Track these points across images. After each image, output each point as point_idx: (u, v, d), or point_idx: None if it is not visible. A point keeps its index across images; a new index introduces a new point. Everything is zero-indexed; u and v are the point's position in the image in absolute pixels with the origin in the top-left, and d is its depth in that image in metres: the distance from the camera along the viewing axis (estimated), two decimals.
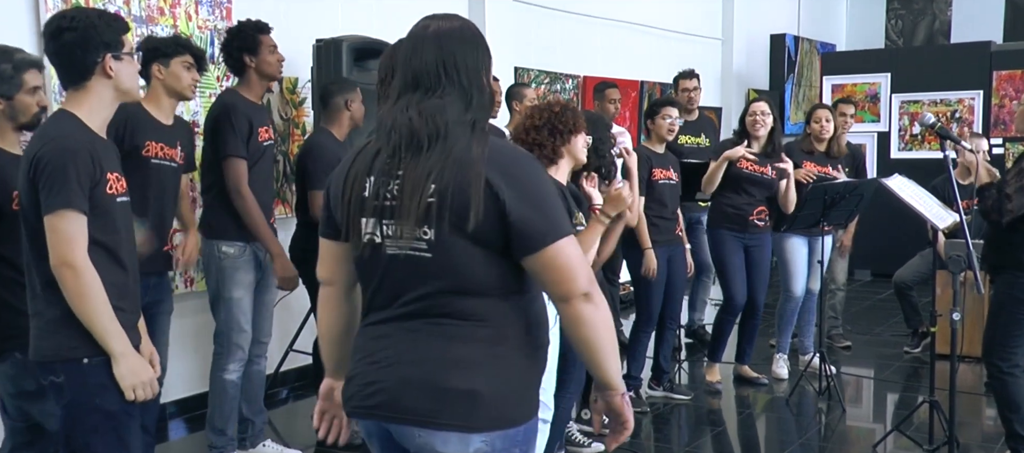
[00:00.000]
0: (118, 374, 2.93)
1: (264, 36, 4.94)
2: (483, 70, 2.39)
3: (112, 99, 3.06)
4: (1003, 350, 4.74)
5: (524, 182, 2.25)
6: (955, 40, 13.33)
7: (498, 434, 2.29)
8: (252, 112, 4.89)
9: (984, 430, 5.90)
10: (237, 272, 4.90)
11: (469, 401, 2.27)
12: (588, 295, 2.26)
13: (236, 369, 4.97)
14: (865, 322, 8.80)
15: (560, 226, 2.26)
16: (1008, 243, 4.65)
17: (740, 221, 6.35)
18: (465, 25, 2.41)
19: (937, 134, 4.76)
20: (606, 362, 2.32)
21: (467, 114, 2.32)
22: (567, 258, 2.25)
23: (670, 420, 6.13)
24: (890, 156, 11.12)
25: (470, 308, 2.29)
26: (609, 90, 7.61)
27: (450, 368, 2.28)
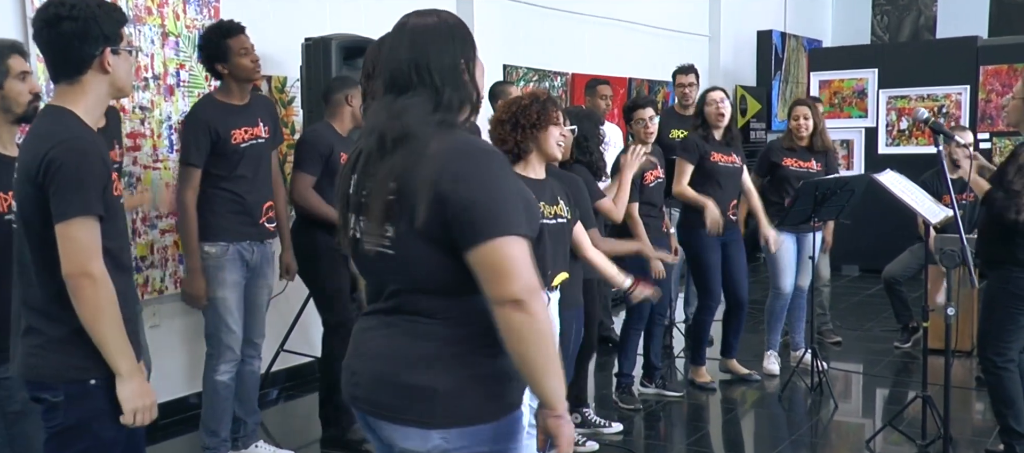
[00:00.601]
0: (122, 395, 2.75)
1: (232, 40, 4.84)
2: (460, 66, 2.36)
3: (106, 95, 2.86)
4: (998, 345, 4.75)
5: (471, 176, 2.20)
6: (940, 35, 13.38)
7: (456, 431, 2.28)
8: (220, 118, 4.83)
9: (975, 425, 5.91)
10: (221, 272, 4.87)
11: (427, 398, 2.27)
12: (520, 303, 2.16)
13: (228, 370, 4.95)
14: (854, 318, 8.82)
15: (502, 224, 2.18)
16: (1001, 239, 4.66)
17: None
18: (442, 20, 2.39)
19: (931, 129, 4.74)
20: (538, 377, 2.23)
21: (436, 113, 2.30)
22: (502, 258, 2.17)
23: (662, 417, 6.12)
24: (877, 152, 11.14)
25: (434, 306, 2.29)
26: (600, 86, 7.59)
27: (411, 365, 2.29)
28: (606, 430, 5.62)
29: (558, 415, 2.28)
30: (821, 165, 6.81)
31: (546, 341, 2.21)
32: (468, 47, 2.38)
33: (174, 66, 5.81)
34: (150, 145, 5.68)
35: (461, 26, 2.41)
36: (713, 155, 6.28)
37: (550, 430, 2.29)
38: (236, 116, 4.91)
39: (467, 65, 2.37)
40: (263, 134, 5.00)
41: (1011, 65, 10.54)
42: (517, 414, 2.38)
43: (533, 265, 2.21)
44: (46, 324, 2.77)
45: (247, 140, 4.92)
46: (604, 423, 5.65)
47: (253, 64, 4.91)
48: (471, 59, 2.38)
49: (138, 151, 5.60)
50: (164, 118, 5.74)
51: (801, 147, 6.81)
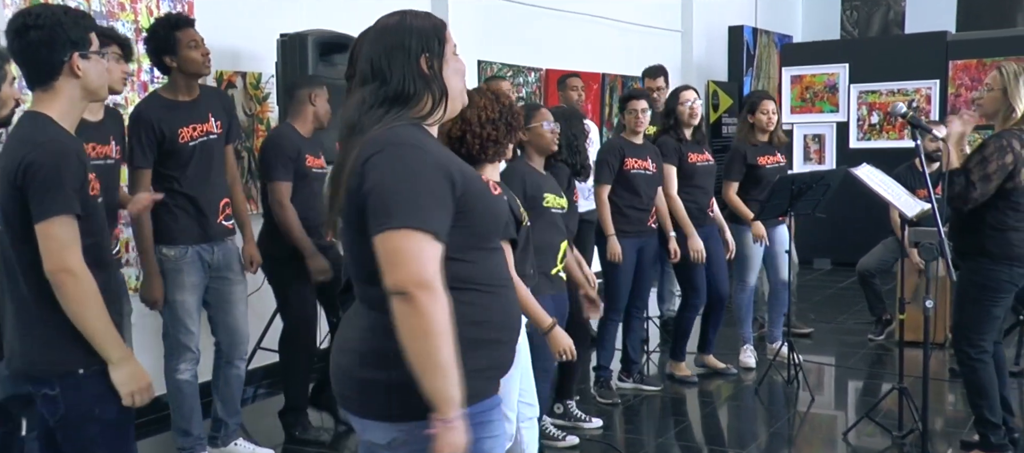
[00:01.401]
0: (117, 381, 2.86)
1: (181, 32, 4.74)
2: (419, 60, 2.37)
3: (81, 98, 2.96)
4: (972, 336, 4.79)
5: (381, 167, 2.22)
6: (909, 30, 13.47)
7: (415, 424, 2.26)
8: (165, 116, 4.74)
9: (949, 416, 5.97)
10: (179, 274, 4.82)
11: (382, 392, 2.30)
12: (405, 294, 2.14)
13: (188, 368, 4.92)
14: (828, 310, 8.87)
15: (400, 216, 2.17)
16: (971, 230, 4.70)
17: (700, 215, 6.37)
18: (403, 18, 2.42)
19: (909, 123, 4.77)
20: (420, 374, 2.17)
21: (382, 106, 2.34)
22: (393, 249, 2.16)
23: (640, 411, 6.14)
24: (849, 146, 11.23)
25: (380, 297, 2.24)
26: (571, 79, 7.64)
27: (366, 358, 2.33)
28: (586, 425, 5.63)
29: (441, 418, 2.18)
30: (784, 158, 6.87)
31: (430, 339, 2.15)
32: (432, 43, 2.40)
33: (148, 63, 5.75)
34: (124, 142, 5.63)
35: (427, 25, 2.42)
36: (690, 155, 6.31)
37: (431, 433, 2.20)
38: (183, 113, 4.79)
39: (430, 60, 2.38)
40: (214, 130, 4.89)
41: (979, 60, 10.64)
42: (479, 407, 2.35)
43: (433, 261, 2.17)
44: (34, 321, 2.87)
45: (196, 137, 4.82)
46: (584, 418, 5.66)
47: (203, 57, 4.79)
48: (436, 55, 2.40)
49: None
50: None
51: (763, 142, 6.81)
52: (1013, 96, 4.64)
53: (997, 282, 4.69)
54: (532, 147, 4.72)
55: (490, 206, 2.40)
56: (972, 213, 4.65)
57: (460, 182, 2.29)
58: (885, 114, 11.06)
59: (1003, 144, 4.56)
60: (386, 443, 2.35)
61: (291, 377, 5.49)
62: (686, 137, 6.37)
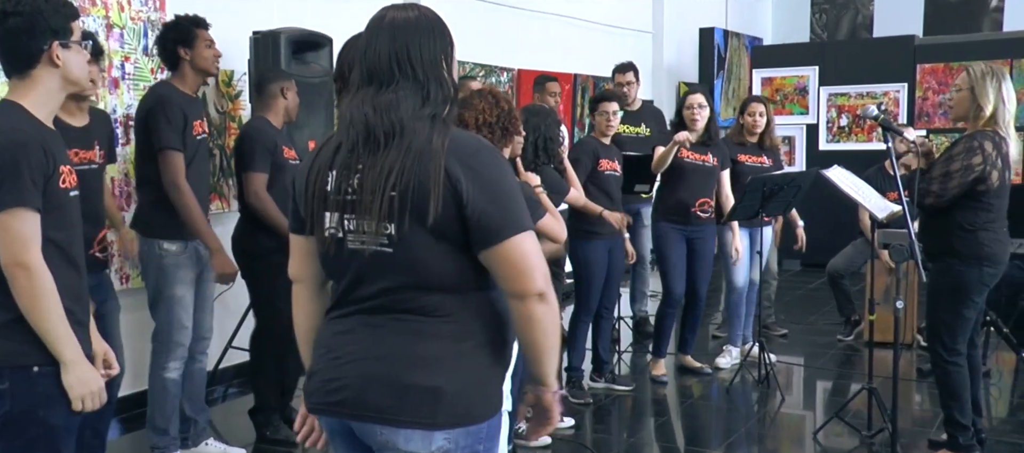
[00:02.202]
0: (67, 383, 2.75)
1: (201, 30, 4.85)
2: (442, 60, 2.32)
3: (60, 89, 2.86)
4: (944, 338, 4.81)
5: (484, 174, 2.21)
6: (877, 34, 13.59)
7: (461, 431, 2.26)
8: (186, 104, 4.79)
9: (917, 415, 6.02)
10: (179, 270, 4.81)
11: (432, 398, 2.24)
12: (543, 295, 2.23)
13: (177, 367, 4.89)
14: (798, 311, 8.93)
15: (518, 221, 2.21)
16: (941, 231, 4.72)
17: (682, 212, 6.39)
18: (422, 14, 2.36)
19: (880, 125, 4.80)
20: (550, 362, 2.32)
21: (425, 108, 2.26)
22: (523, 254, 2.21)
23: (612, 411, 6.15)
24: (818, 148, 11.31)
25: (433, 303, 2.26)
26: (549, 83, 7.62)
27: (413, 365, 2.25)
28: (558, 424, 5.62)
29: (555, 392, 2.37)
30: (771, 161, 6.91)
31: (558, 326, 2.31)
32: (448, 42, 2.36)
33: (119, 58, 5.73)
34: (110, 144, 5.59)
35: (441, 21, 2.38)
36: (682, 151, 6.32)
37: (547, 405, 2.38)
38: (195, 107, 4.89)
39: (446, 60, 2.34)
40: (206, 130, 4.99)
41: (946, 63, 10.74)
42: (503, 410, 2.39)
43: (542, 255, 2.27)
44: None
45: (200, 134, 4.88)
46: None
47: (215, 59, 4.90)
48: (450, 55, 2.36)
49: None
50: (109, 111, 5.64)
51: (752, 143, 6.89)
52: (980, 95, 4.68)
53: (967, 283, 4.72)
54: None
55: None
56: (943, 214, 4.68)
57: None
58: (854, 116, 11.14)
59: (973, 145, 4.59)
60: (429, 452, 2.28)
61: (262, 376, 5.46)
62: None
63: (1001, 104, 4.66)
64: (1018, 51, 10.56)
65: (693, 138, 6.25)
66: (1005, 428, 5.71)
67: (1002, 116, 4.66)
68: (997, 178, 4.62)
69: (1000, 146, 4.63)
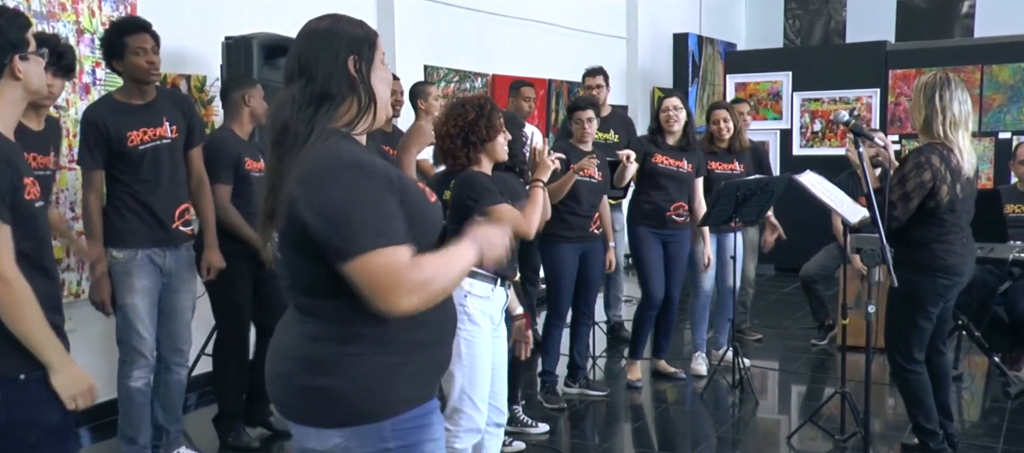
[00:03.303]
0: (58, 385, 2.79)
1: (131, 37, 4.67)
2: (346, 62, 2.32)
3: (21, 100, 2.87)
4: (901, 347, 4.85)
5: (325, 195, 2.17)
6: (850, 40, 13.68)
7: (354, 430, 2.29)
8: (113, 118, 4.69)
9: (890, 419, 6.04)
10: (129, 278, 4.76)
11: (320, 398, 2.29)
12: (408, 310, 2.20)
13: (142, 375, 4.85)
14: (772, 316, 8.96)
15: (360, 241, 2.15)
16: (898, 241, 4.74)
17: (658, 217, 6.40)
18: (335, 21, 2.38)
19: (851, 131, 4.82)
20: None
21: (310, 106, 2.28)
22: (369, 275, 2.16)
23: (586, 416, 6.15)
24: (792, 153, 11.36)
25: (322, 307, 2.30)
26: (524, 88, 7.61)
27: (303, 365, 2.32)
28: (532, 430, 5.63)
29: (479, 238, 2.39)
30: (743, 166, 6.92)
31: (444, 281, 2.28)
32: (361, 47, 2.35)
33: (90, 64, 5.69)
34: (65, 145, 5.54)
35: (357, 30, 2.38)
36: (656, 156, 6.33)
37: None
38: (134, 116, 4.74)
39: (357, 64, 2.34)
40: (168, 134, 4.83)
41: (918, 69, 10.80)
42: (419, 410, 2.36)
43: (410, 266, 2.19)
44: None
45: (147, 141, 4.76)
46: (531, 423, 5.66)
47: (148, 65, 4.71)
48: (365, 59, 2.35)
49: None
50: (79, 118, 5.60)
51: (722, 149, 6.91)
52: (913, 106, 4.74)
53: (922, 293, 4.73)
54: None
55: (426, 212, 2.39)
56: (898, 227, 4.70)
57: (399, 190, 2.27)
58: (827, 122, 11.20)
59: (921, 161, 4.58)
60: (326, 450, 2.33)
61: (224, 383, 5.45)
62: (668, 143, 6.41)
63: (934, 113, 4.63)
64: (988, 57, 10.65)
65: (634, 160, 6.20)
66: (977, 431, 5.74)
67: (937, 125, 4.63)
68: (946, 192, 4.60)
69: (948, 160, 4.60)
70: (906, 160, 4.67)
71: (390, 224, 2.20)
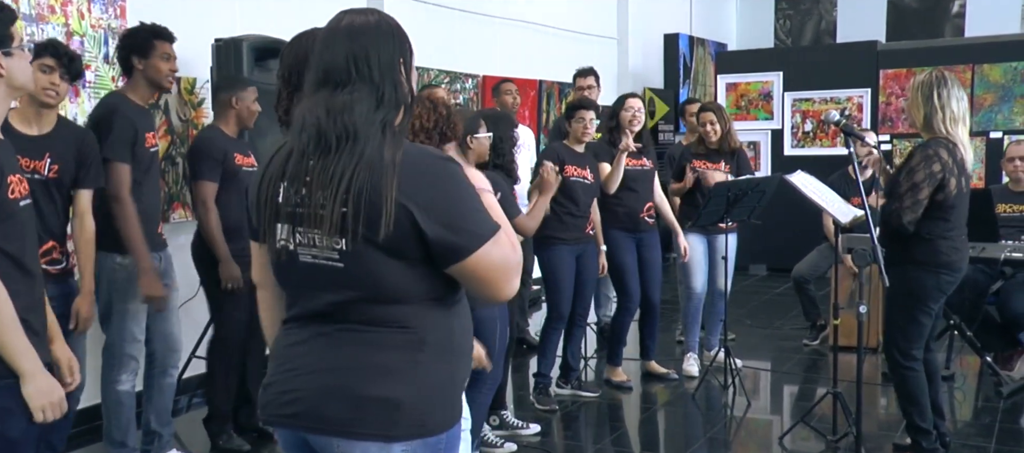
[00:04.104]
0: (27, 393, 2.68)
1: (160, 42, 4.76)
2: (399, 65, 2.26)
3: (5, 96, 2.79)
4: (901, 344, 4.83)
5: (435, 196, 2.15)
6: (840, 40, 13.69)
7: (419, 442, 2.23)
8: (137, 116, 4.72)
9: (882, 419, 6.04)
10: (132, 284, 4.74)
11: (389, 409, 2.19)
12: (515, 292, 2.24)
13: (129, 379, 4.84)
14: (764, 316, 8.96)
15: (478, 235, 2.16)
16: (900, 238, 4.73)
17: (632, 220, 6.39)
18: (382, 19, 2.30)
19: (842, 131, 4.82)
20: None
21: (378, 112, 2.20)
22: (487, 266, 2.18)
23: (579, 418, 6.14)
24: (783, 153, 11.36)
25: (389, 314, 2.21)
26: (504, 85, 7.66)
27: (369, 376, 2.20)
28: (524, 431, 5.62)
29: None
30: (730, 166, 6.91)
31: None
32: (406, 48, 2.30)
33: None
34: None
35: (400, 27, 2.33)
36: (626, 160, 6.32)
37: None
38: (147, 119, 4.84)
39: (404, 66, 2.28)
40: (155, 141, 4.93)
41: (909, 69, 10.82)
42: (460, 421, 2.35)
43: (510, 244, 2.25)
44: None
45: (153, 146, 4.83)
46: (522, 425, 5.65)
47: (170, 73, 4.82)
48: (408, 61, 2.30)
49: None
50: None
51: (710, 149, 6.89)
52: (912, 104, 4.75)
53: (925, 289, 4.73)
54: (473, 154, 4.73)
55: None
56: (888, 224, 4.70)
57: None
58: (818, 122, 11.20)
59: (929, 153, 4.60)
60: None
61: (217, 385, 5.43)
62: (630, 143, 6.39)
63: (933, 111, 4.65)
64: (979, 56, 10.67)
65: (631, 143, 6.23)
66: (969, 431, 5.75)
67: (937, 122, 4.66)
68: (955, 185, 4.63)
69: (954, 153, 4.64)
70: (912, 155, 4.68)
71: (486, 214, 2.23)
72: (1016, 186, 6.77)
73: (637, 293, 6.46)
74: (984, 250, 5.92)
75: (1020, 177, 6.73)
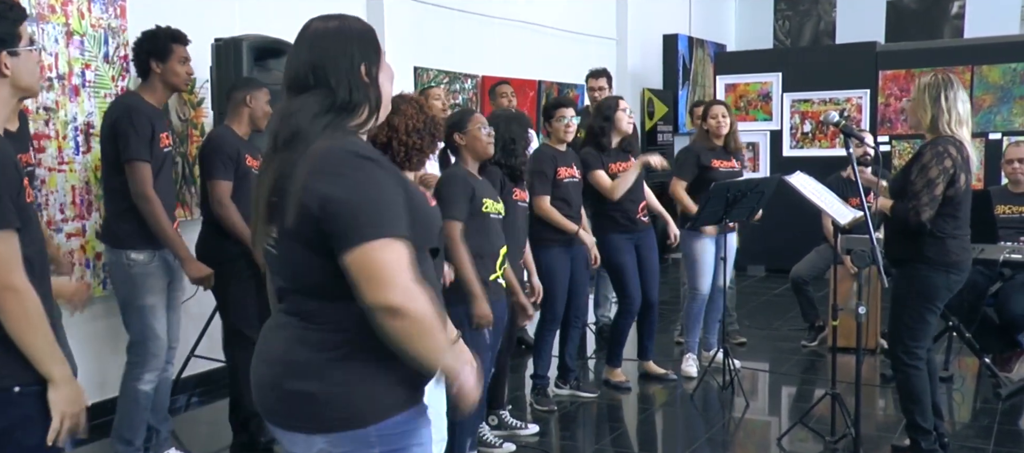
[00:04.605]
0: (53, 400, 2.63)
1: (178, 46, 4.83)
2: (359, 68, 2.32)
3: (11, 96, 2.76)
4: (907, 342, 4.85)
5: (341, 179, 2.17)
6: (839, 41, 13.72)
7: (341, 435, 2.27)
8: (154, 116, 4.78)
9: (880, 421, 6.04)
10: (148, 279, 4.79)
11: (306, 403, 2.28)
12: (395, 310, 2.13)
13: (152, 379, 4.87)
14: (762, 317, 8.96)
15: (373, 227, 2.14)
16: (910, 236, 4.74)
17: (629, 221, 6.39)
18: (343, 24, 2.37)
19: (842, 132, 4.83)
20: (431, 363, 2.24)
21: (327, 115, 2.28)
22: (373, 263, 2.13)
23: (577, 418, 6.15)
24: (782, 154, 11.36)
25: (314, 310, 2.29)
26: (500, 87, 7.67)
27: (290, 370, 2.30)
28: (522, 432, 5.63)
29: (457, 377, 2.31)
30: (740, 164, 6.92)
31: (431, 335, 2.18)
32: (370, 50, 2.36)
33: (79, 66, 5.66)
34: (55, 147, 5.52)
35: (365, 31, 2.39)
36: (611, 165, 6.34)
37: (460, 392, 2.33)
38: (162, 120, 4.87)
39: (368, 68, 2.35)
40: (170, 142, 4.97)
41: (908, 70, 10.83)
42: (405, 415, 2.32)
43: (411, 267, 2.16)
44: None
45: (167, 145, 4.88)
46: (520, 425, 5.65)
47: (187, 76, 4.89)
48: (373, 62, 2.36)
49: (42, 153, 5.44)
50: (69, 119, 5.59)
51: (719, 147, 6.89)
52: (918, 106, 4.76)
53: (934, 288, 4.75)
54: (468, 152, 4.76)
55: (427, 215, 2.38)
56: (904, 223, 4.70)
57: (405, 188, 2.29)
58: (817, 123, 11.20)
59: (940, 150, 4.62)
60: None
61: (241, 377, 5.40)
62: (612, 145, 6.40)
63: (940, 113, 4.69)
64: (978, 58, 10.67)
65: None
66: (968, 433, 5.75)
67: (943, 124, 4.69)
68: (964, 181, 4.68)
69: (962, 150, 4.68)
70: (922, 153, 4.70)
71: (397, 218, 2.19)
72: (1015, 187, 6.78)
73: (638, 295, 6.45)
74: (983, 251, 5.93)
75: (1019, 178, 6.75)
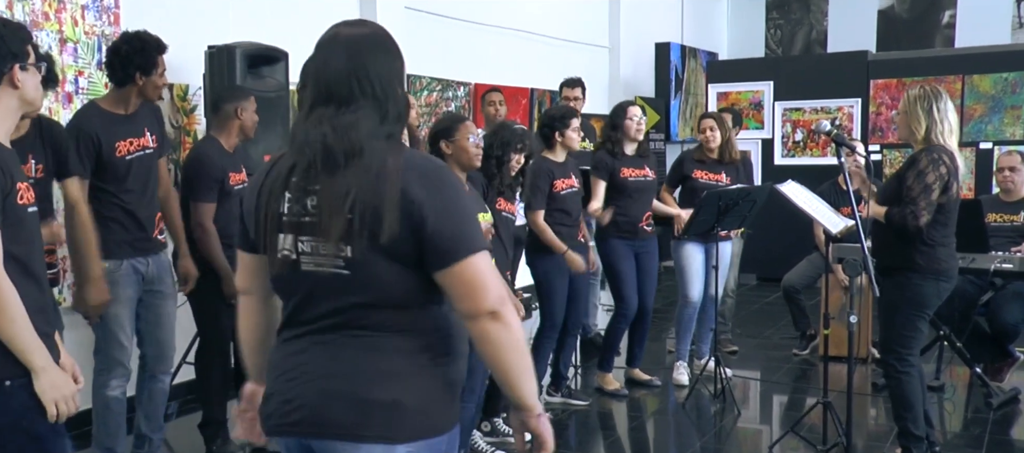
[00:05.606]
0: (39, 389, 2.79)
1: (161, 58, 4.76)
2: (396, 78, 2.32)
3: (16, 109, 2.94)
4: (899, 350, 4.86)
5: (442, 195, 2.21)
6: (831, 50, 13.74)
7: (422, 443, 2.27)
8: (103, 128, 4.67)
9: (872, 430, 6.05)
10: (114, 287, 4.72)
11: (392, 412, 2.24)
12: (495, 314, 2.21)
13: (119, 385, 4.83)
14: (754, 326, 8.97)
15: (472, 241, 2.22)
16: (900, 244, 4.77)
17: (632, 228, 6.42)
18: (375, 31, 2.36)
19: (834, 141, 4.85)
20: (517, 383, 2.29)
21: (383, 127, 2.27)
22: (474, 274, 2.21)
23: (569, 426, 6.14)
24: (774, 162, 11.39)
25: (389, 320, 2.26)
26: (490, 94, 7.68)
27: (372, 379, 2.25)
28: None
29: (538, 414, 2.35)
30: (731, 177, 6.92)
31: (522, 347, 2.28)
32: (400, 61, 2.36)
33: (73, 73, 5.66)
34: None
35: (392, 37, 2.38)
36: (623, 170, 6.35)
37: (534, 430, 2.35)
38: (121, 126, 4.74)
39: (399, 77, 2.34)
40: (150, 144, 4.86)
41: (899, 79, 10.86)
42: (456, 427, 2.38)
43: (498, 276, 2.26)
44: None
45: (133, 152, 4.77)
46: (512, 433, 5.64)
47: (163, 87, 4.85)
48: (403, 71, 2.36)
49: None
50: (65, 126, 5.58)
51: (711, 159, 6.91)
52: (912, 119, 4.78)
53: (924, 296, 4.78)
54: (454, 161, 4.66)
55: None
56: (902, 227, 4.73)
57: None
58: (809, 131, 11.23)
59: (934, 157, 4.66)
60: None
61: (209, 390, 5.42)
62: (627, 152, 6.41)
63: (933, 123, 4.73)
64: (969, 67, 10.71)
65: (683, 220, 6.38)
66: (958, 442, 5.76)
67: (936, 135, 4.73)
68: (956, 190, 4.74)
69: (953, 158, 4.72)
70: (917, 159, 4.73)
71: (480, 230, 2.29)
72: (1006, 196, 6.81)
73: (634, 301, 6.46)
74: (974, 261, 5.95)
75: (1010, 187, 6.77)
